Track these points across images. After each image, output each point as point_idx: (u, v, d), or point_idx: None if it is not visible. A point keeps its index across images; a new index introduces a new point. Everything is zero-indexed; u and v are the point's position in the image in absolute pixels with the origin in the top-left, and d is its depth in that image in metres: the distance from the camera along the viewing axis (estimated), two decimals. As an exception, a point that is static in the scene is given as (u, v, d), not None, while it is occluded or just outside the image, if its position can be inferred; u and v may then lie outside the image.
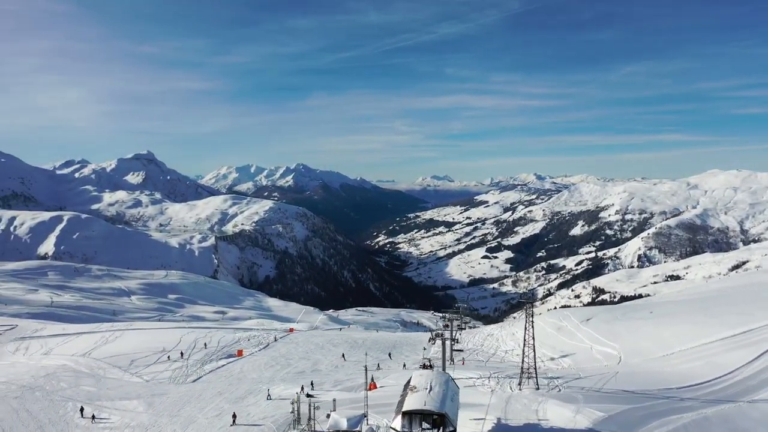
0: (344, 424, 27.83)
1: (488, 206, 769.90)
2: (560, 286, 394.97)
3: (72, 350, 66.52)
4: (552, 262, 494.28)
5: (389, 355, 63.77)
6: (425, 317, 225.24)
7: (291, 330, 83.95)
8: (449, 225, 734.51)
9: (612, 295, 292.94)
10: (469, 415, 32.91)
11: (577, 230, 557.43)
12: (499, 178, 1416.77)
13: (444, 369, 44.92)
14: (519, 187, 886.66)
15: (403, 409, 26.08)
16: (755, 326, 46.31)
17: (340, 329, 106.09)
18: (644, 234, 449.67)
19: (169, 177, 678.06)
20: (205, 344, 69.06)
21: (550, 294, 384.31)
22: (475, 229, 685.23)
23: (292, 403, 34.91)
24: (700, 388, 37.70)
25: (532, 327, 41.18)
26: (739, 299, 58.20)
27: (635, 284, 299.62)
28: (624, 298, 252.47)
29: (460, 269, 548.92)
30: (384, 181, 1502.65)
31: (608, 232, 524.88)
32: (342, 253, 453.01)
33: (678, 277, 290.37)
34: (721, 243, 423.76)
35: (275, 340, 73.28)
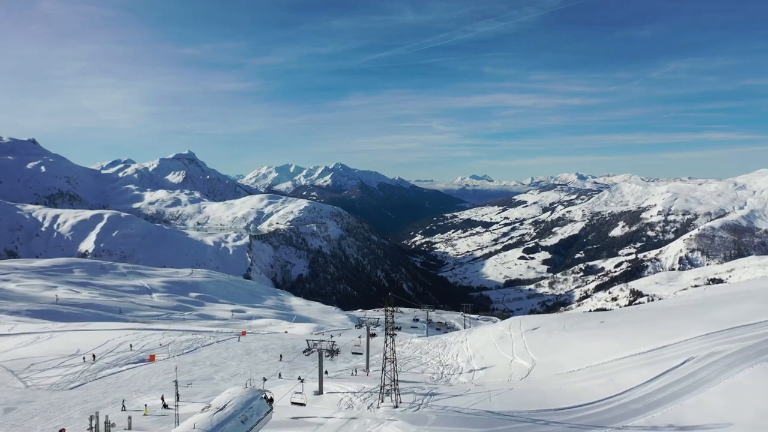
0: None
1: (527, 206, 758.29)
2: (597, 288, 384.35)
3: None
4: (590, 263, 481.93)
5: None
6: (455, 318, 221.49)
7: (243, 333, 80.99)
8: (486, 225, 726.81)
9: (650, 298, 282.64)
10: None
11: (617, 231, 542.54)
12: (540, 177, 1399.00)
13: (320, 381, 42.69)
14: (559, 186, 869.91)
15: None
16: (675, 341, 41.99)
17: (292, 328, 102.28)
18: (686, 236, 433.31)
19: (208, 176, 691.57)
20: (131, 346, 66.76)
21: (586, 296, 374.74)
22: (513, 229, 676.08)
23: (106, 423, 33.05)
24: (582, 409, 34.77)
25: (393, 339, 38.92)
26: (701, 310, 52.85)
27: (675, 287, 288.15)
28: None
29: (496, 270, 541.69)
30: (422, 181, 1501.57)
31: (650, 233, 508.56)
32: (376, 253, 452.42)
33: (720, 281, 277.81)
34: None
35: (209, 344, 70.48)
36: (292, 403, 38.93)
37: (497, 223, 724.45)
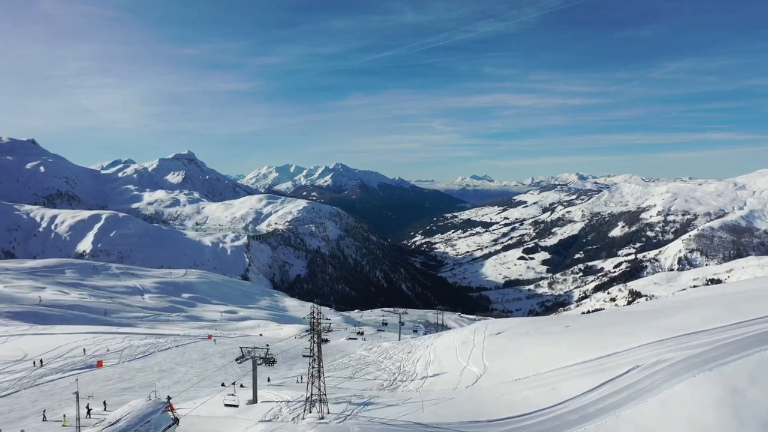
0: None
1: (527, 206, 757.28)
2: (596, 289, 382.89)
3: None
4: (590, 263, 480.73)
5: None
6: (452, 319, 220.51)
7: (209, 337, 79.27)
8: (486, 225, 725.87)
9: (648, 299, 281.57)
10: None
11: (616, 231, 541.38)
12: (540, 177, 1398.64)
13: (254, 390, 41.38)
14: (559, 187, 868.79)
15: None
16: (626, 348, 40.34)
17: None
18: (685, 236, 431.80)
19: (208, 177, 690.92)
20: (84, 350, 63.97)
21: (585, 296, 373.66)
22: (513, 229, 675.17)
23: None
24: (516, 421, 33.54)
25: (319, 349, 37.06)
26: (661, 315, 50.84)
27: (673, 287, 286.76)
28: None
29: (495, 270, 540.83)
30: (423, 181, 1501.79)
31: (649, 233, 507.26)
32: (374, 253, 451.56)
33: (719, 281, 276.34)
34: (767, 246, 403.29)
35: (167, 349, 67.93)
36: (225, 405, 38.27)
37: (497, 223, 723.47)
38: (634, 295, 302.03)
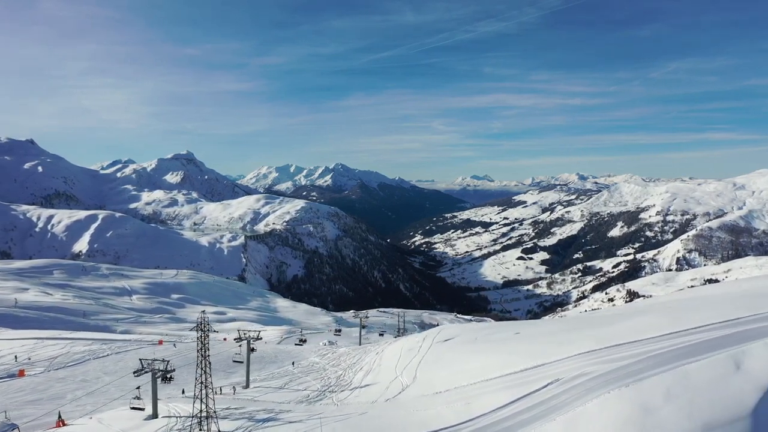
0: None
1: (526, 206, 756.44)
2: (595, 289, 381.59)
3: None
4: (588, 264, 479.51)
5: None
6: (447, 319, 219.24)
7: (160, 342, 76.53)
8: (486, 225, 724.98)
9: (646, 299, 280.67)
10: None
11: (615, 231, 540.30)
12: (540, 177, 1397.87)
13: (154, 404, 38.67)
14: (559, 187, 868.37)
15: None
16: (552, 360, 37.17)
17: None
18: (684, 236, 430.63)
19: (207, 177, 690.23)
20: (16, 357, 60.58)
21: (583, 297, 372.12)
22: (512, 229, 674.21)
23: None
24: None
25: (208, 362, 34.04)
26: (615, 320, 47.38)
27: (671, 288, 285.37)
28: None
29: (494, 270, 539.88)
30: (423, 181, 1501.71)
31: (648, 233, 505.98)
32: (373, 253, 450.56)
33: (717, 281, 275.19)
34: (766, 246, 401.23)
35: (104, 356, 63.64)
36: (131, 408, 37.21)
37: (496, 223, 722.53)
38: (632, 295, 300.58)
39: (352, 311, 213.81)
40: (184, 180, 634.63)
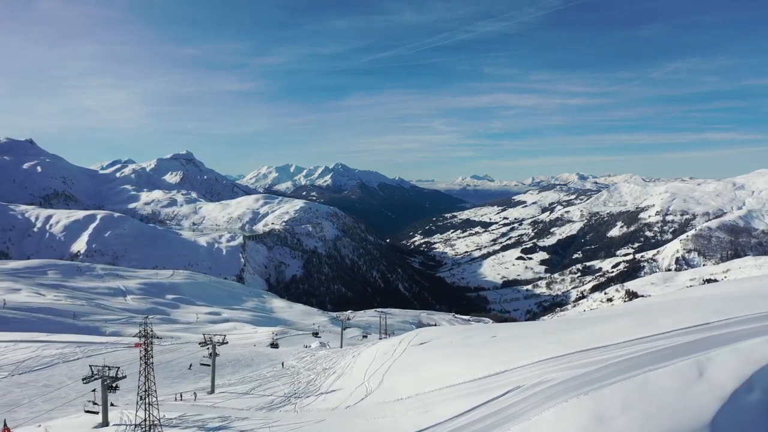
0: None
1: (526, 206, 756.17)
2: (594, 289, 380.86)
3: None
4: (588, 264, 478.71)
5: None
6: (445, 319, 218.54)
7: (136, 345, 74.62)
8: (486, 225, 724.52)
9: (645, 299, 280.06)
10: None
11: (615, 231, 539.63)
12: (540, 177, 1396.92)
13: (105, 413, 37.40)
14: (559, 186, 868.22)
15: None
16: (515, 366, 36.29)
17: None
18: (683, 236, 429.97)
19: (206, 177, 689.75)
20: None
21: (583, 297, 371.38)
22: (512, 229, 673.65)
23: None
24: None
25: (152, 369, 33.03)
26: (588, 324, 46.05)
27: (670, 288, 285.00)
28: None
29: (493, 270, 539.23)
30: (423, 181, 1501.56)
31: (648, 233, 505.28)
32: (372, 253, 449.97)
33: (716, 281, 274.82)
34: (765, 246, 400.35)
35: (74, 359, 60.84)
36: (85, 411, 36.44)
37: (496, 223, 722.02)
38: (631, 295, 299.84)
39: (349, 311, 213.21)
40: (183, 180, 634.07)
